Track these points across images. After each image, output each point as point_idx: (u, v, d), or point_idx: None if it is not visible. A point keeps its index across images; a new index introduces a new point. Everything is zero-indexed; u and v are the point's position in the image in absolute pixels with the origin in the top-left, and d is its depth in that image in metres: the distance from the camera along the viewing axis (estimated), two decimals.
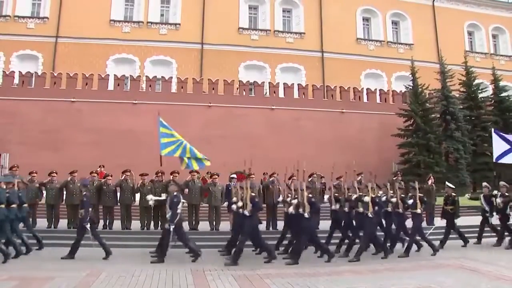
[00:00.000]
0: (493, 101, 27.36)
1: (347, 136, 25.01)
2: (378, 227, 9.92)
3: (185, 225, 11.67)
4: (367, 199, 9.22)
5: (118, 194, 11.78)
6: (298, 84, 26.89)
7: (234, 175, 12.02)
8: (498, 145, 13.12)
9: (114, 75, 25.09)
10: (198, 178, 12.54)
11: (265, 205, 12.53)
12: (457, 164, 23.72)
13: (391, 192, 10.19)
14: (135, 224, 11.70)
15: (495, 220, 11.44)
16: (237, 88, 25.96)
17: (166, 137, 11.00)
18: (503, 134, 13.49)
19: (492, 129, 14.06)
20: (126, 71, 26.50)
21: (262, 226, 12.11)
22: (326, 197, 11.54)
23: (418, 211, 9.71)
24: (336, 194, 10.49)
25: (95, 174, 12.10)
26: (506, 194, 11.21)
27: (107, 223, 11.54)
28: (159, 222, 11.24)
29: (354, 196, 9.68)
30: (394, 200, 9.88)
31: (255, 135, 23.96)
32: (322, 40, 31.49)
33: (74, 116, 22.91)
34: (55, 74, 24.56)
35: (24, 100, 22.76)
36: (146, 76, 25.80)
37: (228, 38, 29.87)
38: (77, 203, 11.69)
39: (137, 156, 20.01)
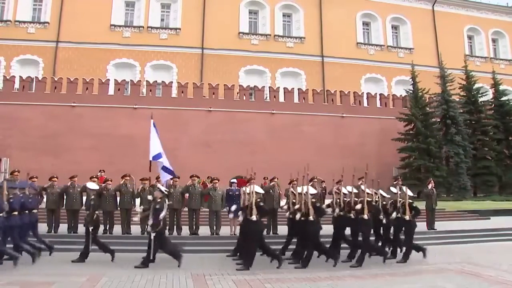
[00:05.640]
0: (493, 105, 27.39)
1: (347, 140, 25.03)
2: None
3: (185, 230, 11.72)
4: None
5: (118, 198, 11.76)
6: (298, 89, 26.91)
7: (235, 180, 12.01)
8: (155, 143, 11.47)
9: (115, 79, 25.16)
10: (199, 183, 12.52)
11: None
12: (458, 168, 23.70)
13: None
14: (135, 229, 11.67)
15: None
16: (238, 93, 25.99)
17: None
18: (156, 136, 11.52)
19: (152, 121, 11.51)
20: (126, 76, 26.59)
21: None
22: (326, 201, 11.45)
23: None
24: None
25: (95, 179, 12.06)
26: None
27: (107, 228, 11.50)
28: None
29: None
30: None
31: (255, 140, 23.98)
32: (322, 44, 31.57)
33: (74, 121, 22.94)
34: (56, 79, 24.63)
35: (24, 105, 22.79)
36: (146, 80, 25.85)
37: (229, 43, 29.97)
38: (77, 208, 11.74)
39: (138, 161, 19.96)
